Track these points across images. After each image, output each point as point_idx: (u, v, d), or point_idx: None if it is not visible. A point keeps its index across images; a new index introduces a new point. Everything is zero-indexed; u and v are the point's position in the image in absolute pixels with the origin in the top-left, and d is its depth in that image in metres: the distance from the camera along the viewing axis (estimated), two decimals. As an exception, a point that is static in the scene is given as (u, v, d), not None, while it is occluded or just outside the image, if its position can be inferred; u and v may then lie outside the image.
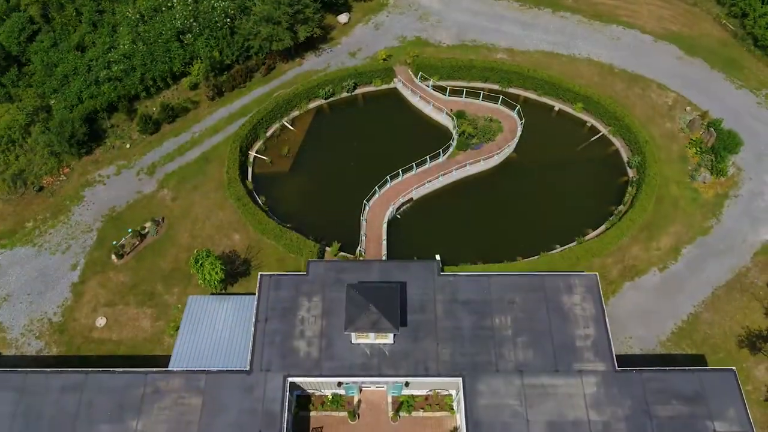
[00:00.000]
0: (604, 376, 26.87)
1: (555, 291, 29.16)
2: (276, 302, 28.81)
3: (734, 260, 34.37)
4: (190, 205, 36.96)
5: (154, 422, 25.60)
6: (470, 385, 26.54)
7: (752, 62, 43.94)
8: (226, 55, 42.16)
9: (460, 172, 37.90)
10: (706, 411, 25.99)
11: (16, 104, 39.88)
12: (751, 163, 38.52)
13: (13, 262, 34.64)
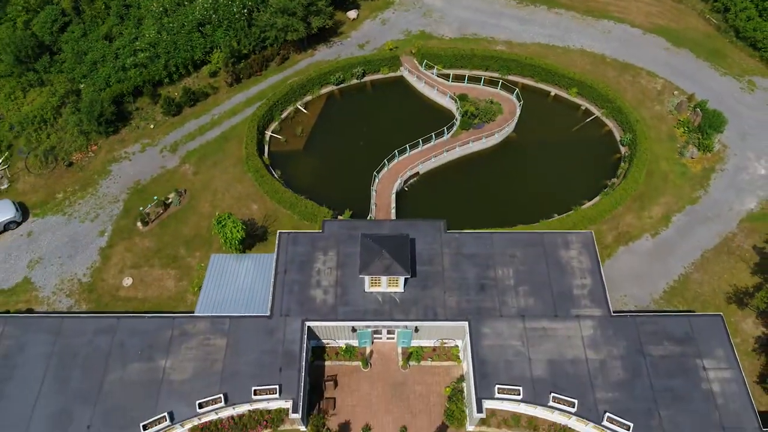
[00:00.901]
0: (600, 321, 28.57)
1: (553, 246, 31.05)
2: (294, 256, 30.64)
3: (721, 226, 36.40)
4: (211, 178, 39.09)
5: (182, 360, 27.23)
6: (475, 328, 28.23)
7: (735, 52, 46.63)
8: (243, 45, 44.83)
9: (463, 148, 40.21)
10: (695, 351, 27.62)
11: (47, 88, 42.53)
12: (735, 141, 40.77)
13: (44, 229, 36.62)
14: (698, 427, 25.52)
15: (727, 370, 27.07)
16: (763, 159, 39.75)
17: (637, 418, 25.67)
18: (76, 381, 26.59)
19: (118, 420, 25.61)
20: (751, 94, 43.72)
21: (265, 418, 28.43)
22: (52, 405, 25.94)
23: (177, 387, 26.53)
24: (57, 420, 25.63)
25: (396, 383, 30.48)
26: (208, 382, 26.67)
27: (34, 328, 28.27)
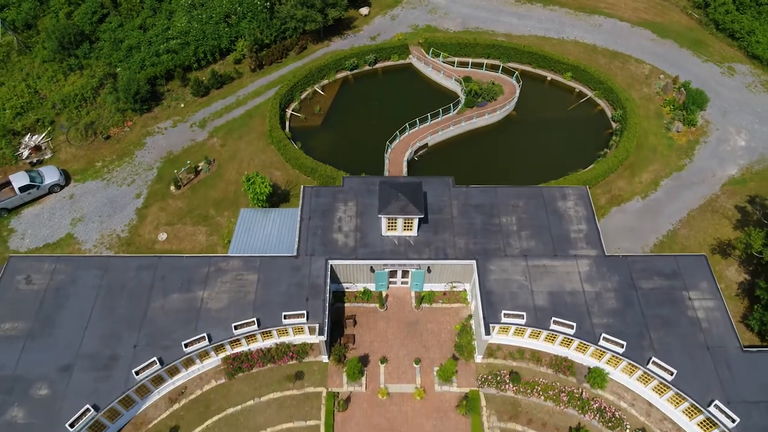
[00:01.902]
0: (595, 260, 31.11)
1: (552, 198, 33.79)
2: (317, 206, 33.35)
3: (706, 189, 39.26)
4: (237, 150, 42.08)
5: (218, 292, 29.68)
6: (483, 265, 30.74)
7: (715, 42, 50.22)
8: (266, 35, 48.37)
9: (468, 124, 43.34)
10: (682, 284, 30.10)
11: (87, 71, 45.82)
12: (717, 117, 43.89)
13: (85, 192, 39.45)
14: (685, 347, 27.90)
15: (710, 300, 29.56)
16: (743, 133, 42.86)
17: (630, 339, 28.08)
18: (123, 309, 29.13)
19: (161, 340, 28.02)
20: (731, 78, 47.11)
21: (291, 351, 30.98)
22: (101, 328, 28.41)
23: (214, 314, 29.04)
24: (106, 340, 28.03)
25: (410, 322, 32.90)
26: (242, 310, 29.17)
27: (84, 265, 30.92)
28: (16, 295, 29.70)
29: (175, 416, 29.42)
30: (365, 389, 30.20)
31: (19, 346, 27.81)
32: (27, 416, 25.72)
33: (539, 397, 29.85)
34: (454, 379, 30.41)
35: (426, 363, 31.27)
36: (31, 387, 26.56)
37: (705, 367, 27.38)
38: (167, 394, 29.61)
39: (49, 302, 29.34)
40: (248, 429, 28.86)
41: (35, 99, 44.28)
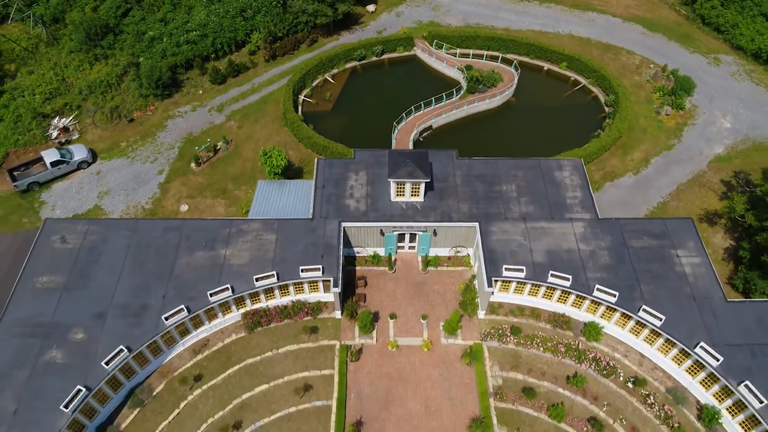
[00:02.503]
0: (589, 222, 33.07)
1: (549, 169, 35.89)
2: (330, 176, 35.41)
3: (693, 166, 41.41)
4: (253, 131, 44.29)
5: (240, 250, 31.60)
6: (485, 227, 32.68)
7: (702, 36, 52.78)
8: (279, 28, 50.95)
9: (470, 108, 45.73)
10: (670, 243, 32.02)
11: (111, 60, 48.30)
12: (704, 102, 46.19)
13: (111, 169, 41.62)
14: (673, 298, 29.72)
15: (696, 257, 31.45)
16: (728, 116, 45.08)
17: (622, 291, 29.90)
18: (151, 265, 31.05)
19: (187, 292, 29.86)
20: (717, 68, 49.52)
21: (306, 308, 32.77)
22: (131, 282, 30.30)
23: (236, 269, 30.91)
24: (136, 292, 29.89)
25: (417, 283, 34.74)
26: (262, 265, 31.04)
27: (114, 227, 32.95)
28: (52, 253, 31.76)
29: (199, 365, 31.21)
30: (376, 342, 32.03)
31: (56, 297, 29.75)
32: (65, 357, 27.55)
33: (538, 348, 31.64)
34: (458, 333, 32.25)
35: (432, 319, 33.07)
36: (68, 332, 28.46)
37: (691, 314, 29.22)
38: (191, 346, 31.52)
39: (83, 259, 31.40)
40: (267, 377, 30.68)
41: (63, 86, 46.75)
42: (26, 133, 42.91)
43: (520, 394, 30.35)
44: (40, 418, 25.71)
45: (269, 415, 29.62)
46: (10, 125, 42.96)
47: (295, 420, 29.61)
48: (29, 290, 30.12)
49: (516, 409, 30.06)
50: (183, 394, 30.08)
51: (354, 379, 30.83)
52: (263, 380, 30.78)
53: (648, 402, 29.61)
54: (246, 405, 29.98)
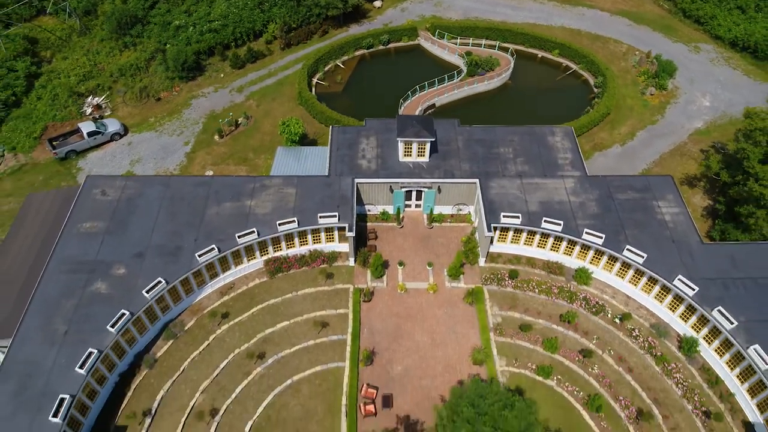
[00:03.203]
0: (579, 179, 35.96)
1: (542, 134, 38.93)
2: (343, 141, 38.38)
3: (675, 138, 44.44)
4: (270, 109, 47.36)
5: (263, 201, 34.39)
6: (484, 183, 35.54)
7: (683, 27, 56.29)
8: (293, 20, 54.44)
9: (470, 89, 48.98)
10: (652, 196, 34.85)
11: (139, 47, 51.68)
12: (685, 84, 49.41)
13: (141, 141, 44.63)
14: (654, 240, 32.45)
15: (675, 208, 34.24)
16: (707, 96, 48.23)
17: (608, 235, 32.62)
18: (183, 214, 33.78)
19: (217, 235, 32.56)
20: (697, 54, 52.85)
21: (323, 256, 35.37)
22: (166, 228, 33.01)
23: (260, 217, 33.66)
24: (171, 236, 32.57)
25: (423, 237, 37.43)
26: (284, 214, 33.79)
27: (149, 182, 35.82)
28: (94, 204, 34.52)
29: (225, 305, 33.74)
30: (386, 286, 34.60)
31: (99, 240, 32.45)
32: (108, 288, 30.13)
33: (534, 291, 34.19)
34: (461, 278, 34.84)
35: (437, 266, 35.66)
36: (110, 268, 31.07)
37: (670, 254, 31.89)
38: (218, 289, 34.10)
39: (122, 209, 34.15)
40: (287, 316, 33.20)
41: (95, 69, 49.99)
42: (63, 109, 46.06)
43: (518, 330, 32.91)
44: (88, 337, 28.25)
45: (290, 348, 32.18)
46: (48, 102, 46.14)
47: (314, 351, 32.10)
48: (74, 234, 32.92)
49: (514, 342, 32.59)
50: (212, 328, 32.71)
51: (367, 316, 33.42)
52: (284, 318, 33.42)
53: (633, 335, 32.17)
54: (268, 339, 32.56)
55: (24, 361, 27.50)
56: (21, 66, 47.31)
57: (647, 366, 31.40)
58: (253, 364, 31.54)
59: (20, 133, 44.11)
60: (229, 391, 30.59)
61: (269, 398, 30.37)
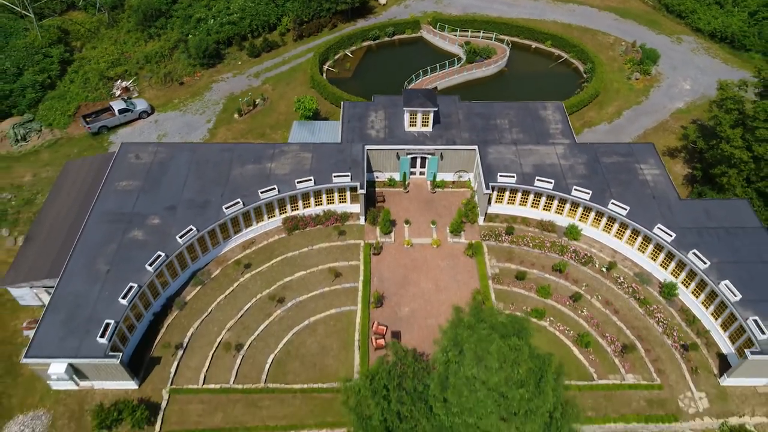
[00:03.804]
0: (568, 146, 38.97)
1: (535, 109, 42.05)
2: (354, 114, 41.46)
3: (658, 116, 47.51)
4: (285, 92, 50.49)
5: (282, 164, 37.32)
6: (483, 149, 38.51)
7: (666, 21, 59.75)
8: (305, 14, 57.85)
9: (469, 74, 52.20)
10: (634, 160, 37.78)
11: (163, 37, 55.02)
12: (668, 70, 52.63)
13: (166, 119, 47.69)
14: (636, 196, 35.35)
15: (656, 170, 37.19)
16: (688, 80, 51.41)
17: (595, 192, 35.54)
18: (210, 175, 36.73)
19: (240, 192, 35.46)
20: (679, 45, 56.19)
21: (335, 216, 38.11)
22: (195, 186, 35.98)
23: (280, 177, 36.59)
24: (199, 193, 35.49)
25: (427, 200, 40.26)
26: (301, 174, 36.74)
27: (178, 148, 38.87)
28: (129, 166, 37.46)
29: (248, 257, 36.45)
30: (393, 241, 37.39)
31: (134, 196, 35.34)
32: (145, 235, 32.95)
33: (528, 246, 36.93)
34: (462, 234, 37.62)
35: (440, 225, 38.44)
36: (146, 219, 33.93)
37: (651, 208, 34.74)
38: (241, 243, 36.87)
39: (154, 171, 37.10)
40: (304, 266, 35.89)
41: (122, 57, 53.27)
42: (94, 91, 49.17)
43: (514, 279, 35.59)
44: (128, 276, 30.95)
45: (306, 293, 34.85)
46: (80, 85, 49.26)
47: (328, 297, 34.74)
48: (112, 192, 35.78)
49: (510, 290, 35.21)
50: (235, 277, 35.39)
51: (376, 267, 36.09)
52: (301, 268, 36.09)
53: (619, 282, 34.87)
54: (287, 286, 35.22)
55: (71, 296, 30.27)
56: (55, 52, 50.66)
57: (631, 308, 34.12)
58: (273, 307, 34.30)
59: (56, 112, 47.27)
60: (253, 329, 33.37)
61: (288, 336, 33.13)
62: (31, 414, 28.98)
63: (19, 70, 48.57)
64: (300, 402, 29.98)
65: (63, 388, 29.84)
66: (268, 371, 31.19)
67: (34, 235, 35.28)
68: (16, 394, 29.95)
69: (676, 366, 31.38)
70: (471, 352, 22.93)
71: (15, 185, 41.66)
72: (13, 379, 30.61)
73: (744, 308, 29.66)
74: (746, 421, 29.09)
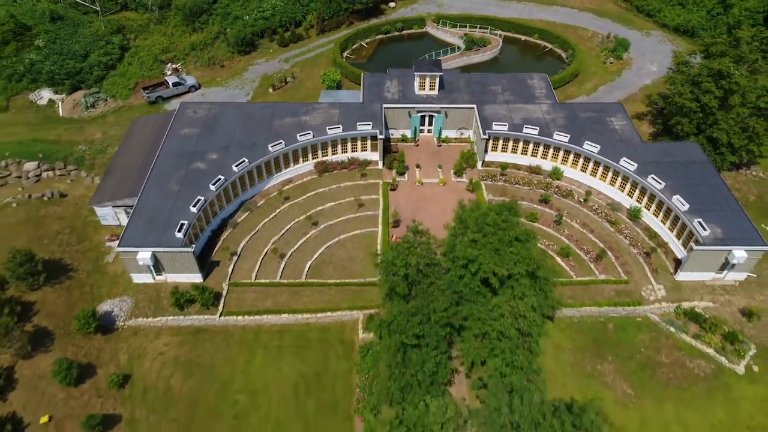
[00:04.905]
0: (551, 105, 45.76)
1: (524, 78, 49.15)
2: (372, 82, 48.49)
3: (629, 90, 54.55)
4: (311, 73, 57.59)
5: (315, 117, 44.08)
6: (480, 108, 45.24)
7: (637, 19, 67.40)
8: (326, 13, 65.47)
9: (467, 59, 59.45)
10: (606, 114, 44.70)
11: (206, 30, 62.37)
12: (638, 56, 59.87)
13: (211, 93, 54.73)
14: (607, 140, 41.88)
15: (623, 122, 43.94)
16: (654, 64, 58.57)
17: (573, 136, 42.09)
18: (255, 125, 43.47)
19: (281, 137, 42.00)
20: (648, 38, 63.62)
21: (358, 162, 44.37)
22: (243, 133, 42.73)
23: (314, 126, 43.17)
24: (247, 137, 42.12)
25: (434, 152, 46.78)
26: (331, 123, 43.23)
27: (228, 106, 45.86)
28: (188, 119, 44.22)
29: (286, 192, 42.77)
30: (407, 180, 43.77)
31: (195, 139, 42.02)
32: (206, 166, 39.43)
33: (519, 184, 43.30)
34: (464, 175, 43.92)
35: (445, 169, 44.96)
36: (205, 155, 40.50)
37: (618, 147, 41.37)
38: (280, 182, 43.21)
39: (210, 122, 43.88)
40: (333, 199, 42.22)
41: (171, 45, 60.56)
42: (149, 71, 56.30)
43: (507, 209, 41.71)
44: (195, 193, 37.29)
45: (336, 219, 41.06)
46: (137, 66, 56.42)
47: (354, 222, 40.88)
48: (176, 137, 42.39)
49: (504, 216, 41.35)
50: (277, 206, 41.67)
51: (393, 199, 42.35)
52: (331, 200, 42.38)
53: (594, 209, 41.07)
54: (320, 213, 41.40)
55: (150, 207, 36.68)
56: (116, 40, 57.98)
57: (604, 228, 40.22)
58: (309, 228, 40.38)
59: (118, 86, 54.26)
60: (293, 243, 39.43)
61: (322, 249, 39.21)
62: (118, 299, 34.98)
63: (86, 52, 55.97)
64: (334, 292, 35.89)
65: (142, 281, 35.85)
66: (307, 272, 37.28)
67: (112, 171, 41.77)
68: (104, 286, 35.92)
69: (639, 268, 37.42)
70: (472, 222, 29.03)
71: (88, 140, 48.31)
72: (101, 276, 36.58)
73: (691, 215, 35.90)
74: (695, 305, 34.99)
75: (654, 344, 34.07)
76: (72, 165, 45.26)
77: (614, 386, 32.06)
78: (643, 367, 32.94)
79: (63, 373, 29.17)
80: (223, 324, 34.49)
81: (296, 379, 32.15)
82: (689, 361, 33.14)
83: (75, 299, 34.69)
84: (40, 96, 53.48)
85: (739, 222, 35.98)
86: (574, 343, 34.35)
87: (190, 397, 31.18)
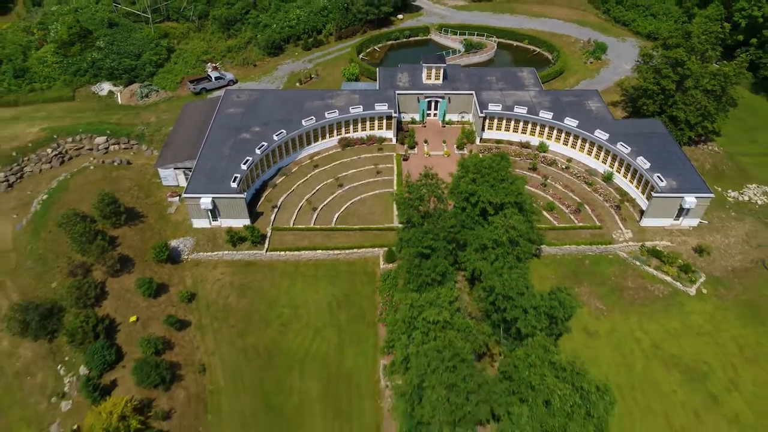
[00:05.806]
0: (538, 91, 52.94)
1: (515, 72, 56.68)
2: (386, 75, 56.10)
3: (606, 84, 62.09)
4: (332, 71, 65.30)
5: (338, 100, 51.09)
6: (478, 93, 52.43)
7: (614, 28, 75.53)
8: (343, 23, 73.45)
9: (466, 60, 66.96)
10: (584, 99, 51.80)
11: (239, 36, 70.19)
12: (614, 58, 67.64)
13: (246, 87, 61.80)
14: (584, 118, 49.00)
15: (599, 104, 51.24)
16: (628, 63, 66.05)
17: (555, 114, 49.17)
18: (290, 106, 50.76)
19: (311, 114, 49.02)
20: (624, 43, 71.55)
21: (375, 138, 51.24)
22: (280, 112, 49.97)
23: (338, 107, 50.28)
24: (284, 115, 49.17)
25: (439, 131, 53.90)
26: (352, 104, 50.32)
27: (266, 92, 53.43)
28: (233, 101, 51.55)
29: (315, 161, 49.85)
30: (416, 152, 50.64)
31: (239, 116, 49.26)
32: (251, 136, 46.50)
33: (512, 156, 49.87)
34: (465, 148, 50.69)
35: (449, 144, 52.12)
36: (249, 128, 47.65)
37: (593, 123, 48.57)
38: (309, 154, 50.10)
39: (252, 104, 51.22)
40: (355, 167, 49.34)
41: (209, 48, 68.30)
42: (192, 68, 63.90)
43: (501, 175, 48.35)
44: (243, 156, 44.21)
45: (357, 182, 47.80)
46: (182, 64, 64.06)
47: (373, 184, 47.74)
48: (224, 115, 49.63)
49: (499, 181, 47.96)
50: (308, 171, 48.59)
51: (405, 167, 49.36)
52: (353, 168, 49.40)
53: (574, 174, 47.80)
54: (345, 177, 48.36)
55: (207, 166, 43.60)
56: (164, 42, 65.84)
57: (582, 188, 46.97)
58: (336, 188, 47.02)
59: (167, 80, 61.88)
60: (322, 200, 46.20)
61: (347, 204, 45.99)
62: (182, 239, 41.44)
63: (139, 53, 63.68)
64: (359, 235, 42.48)
65: (200, 226, 42.32)
66: (335, 221, 43.75)
67: (170, 143, 48.77)
68: (169, 230, 42.51)
69: (611, 217, 44.00)
70: (472, 166, 35.66)
71: (145, 123, 55.53)
72: (166, 222, 43.23)
73: (651, 171, 42.68)
74: (657, 244, 41.44)
75: (622, 274, 40.45)
76: (134, 140, 52.46)
77: (589, 303, 38.36)
78: (613, 290, 39.29)
79: (145, 286, 35.52)
80: (269, 258, 41.00)
81: (330, 299, 38.52)
82: (650, 286, 39.48)
83: (147, 237, 41.29)
84: (101, 88, 61.08)
85: (691, 177, 42.84)
86: (557, 274, 40.77)
87: (244, 310, 37.50)
